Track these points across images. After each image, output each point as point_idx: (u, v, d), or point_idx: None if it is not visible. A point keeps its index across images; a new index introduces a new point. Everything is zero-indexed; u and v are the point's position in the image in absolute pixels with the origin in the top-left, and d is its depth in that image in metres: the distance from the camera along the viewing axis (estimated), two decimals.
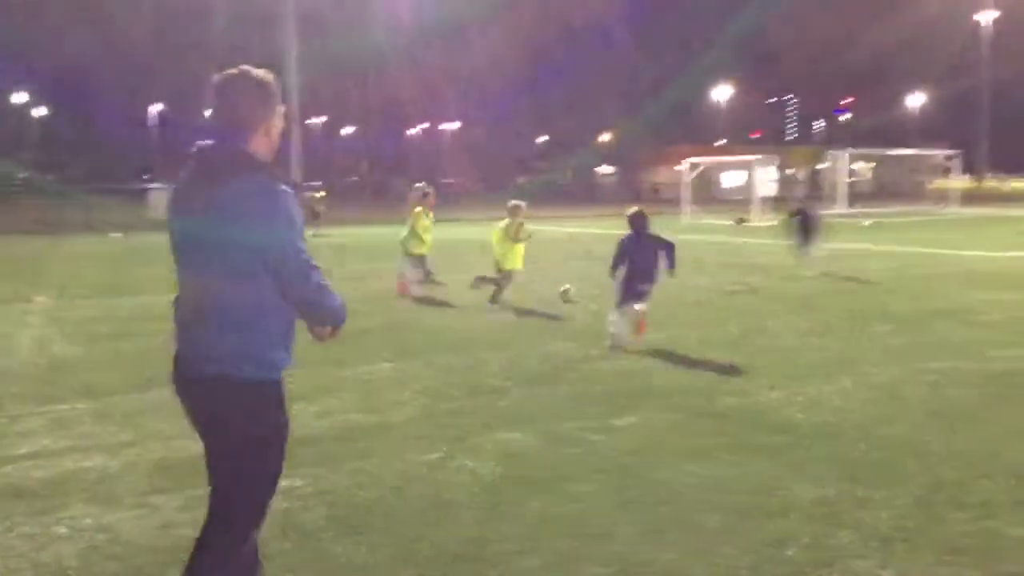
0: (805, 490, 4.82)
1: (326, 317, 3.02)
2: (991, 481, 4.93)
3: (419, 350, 8.82)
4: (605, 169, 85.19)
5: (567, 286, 12.27)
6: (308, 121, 73.58)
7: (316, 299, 2.94)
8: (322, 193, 33.54)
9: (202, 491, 3.16)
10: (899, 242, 22.35)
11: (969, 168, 57.99)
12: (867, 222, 30.21)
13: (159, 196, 37.58)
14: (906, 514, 4.48)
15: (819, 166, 61.61)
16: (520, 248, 12.03)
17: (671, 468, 5.22)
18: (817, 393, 6.96)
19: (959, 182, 50.09)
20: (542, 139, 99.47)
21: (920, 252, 19.64)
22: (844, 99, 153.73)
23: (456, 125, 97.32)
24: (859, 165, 58.81)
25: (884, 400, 6.79)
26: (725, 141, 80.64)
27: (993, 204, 45.45)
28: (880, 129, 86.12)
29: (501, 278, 11.99)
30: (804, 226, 15.36)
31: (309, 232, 5.24)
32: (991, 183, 59.06)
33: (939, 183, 50.69)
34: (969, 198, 47.87)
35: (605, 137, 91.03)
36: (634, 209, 9.63)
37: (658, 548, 4.12)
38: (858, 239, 23.40)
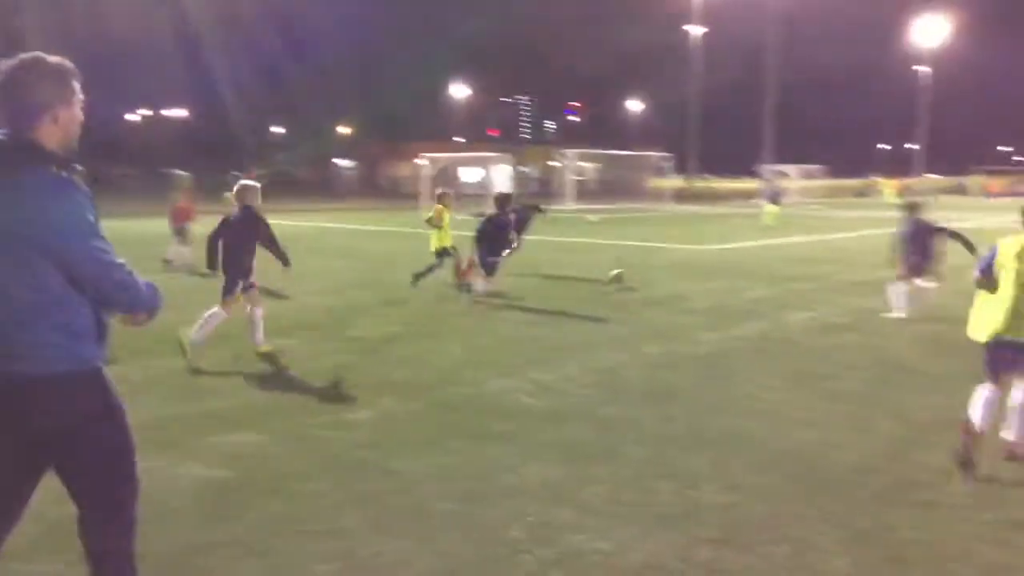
0: (532, 472, 5.00)
1: (136, 310, 2.89)
2: (695, 453, 5.38)
3: (139, 351, 8.20)
4: (344, 163, 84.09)
5: (618, 270, 13.43)
6: None
7: (122, 298, 2.82)
8: None
9: None
10: (621, 236, 23.94)
11: (682, 169, 63.25)
12: (593, 218, 32.11)
13: None
14: (621, 488, 4.78)
15: (551, 163, 64.65)
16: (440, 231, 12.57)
17: (404, 459, 5.23)
18: (544, 379, 7.26)
19: (673, 182, 54.64)
20: (278, 130, 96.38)
21: (639, 245, 21.13)
22: (573, 102, 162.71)
23: (182, 112, 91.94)
24: (587, 164, 62.41)
25: (605, 383, 7.22)
26: (464, 140, 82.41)
27: (702, 202, 50.04)
28: (604, 131, 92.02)
29: (437, 264, 12.57)
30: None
31: None
32: (700, 183, 64.98)
33: (656, 182, 55.00)
34: (681, 196, 52.36)
35: (344, 130, 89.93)
36: (501, 191, 12.76)
37: (388, 539, 4.10)
38: (584, 234, 24.79)
